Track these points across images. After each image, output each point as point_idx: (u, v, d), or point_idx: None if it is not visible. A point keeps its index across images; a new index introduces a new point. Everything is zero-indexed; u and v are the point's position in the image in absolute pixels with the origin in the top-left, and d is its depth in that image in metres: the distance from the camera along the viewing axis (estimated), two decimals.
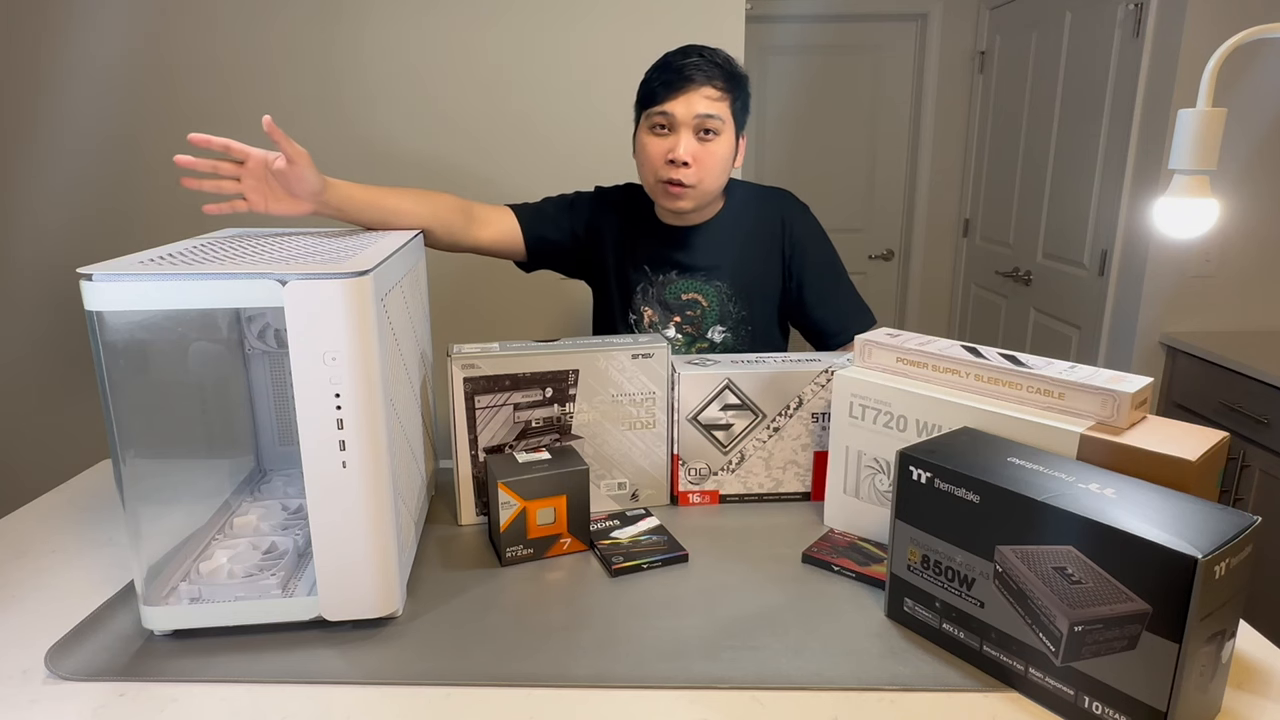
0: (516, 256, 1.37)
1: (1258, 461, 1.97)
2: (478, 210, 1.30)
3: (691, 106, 1.21)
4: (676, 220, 1.34)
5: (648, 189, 1.30)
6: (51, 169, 1.93)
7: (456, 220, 1.24)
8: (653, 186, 1.28)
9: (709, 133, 1.22)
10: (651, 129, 1.25)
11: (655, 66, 1.26)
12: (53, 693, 0.72)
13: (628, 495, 1.08)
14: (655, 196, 1.29)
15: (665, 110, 1.22)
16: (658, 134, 1.24)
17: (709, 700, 0.71)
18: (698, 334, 1.36)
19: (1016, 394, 0.85)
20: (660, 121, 1.23)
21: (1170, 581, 0.59)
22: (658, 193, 1.28)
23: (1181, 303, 2.33)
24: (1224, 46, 1.01)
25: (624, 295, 1.39)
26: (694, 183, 1.23)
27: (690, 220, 1.34)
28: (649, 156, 1.25)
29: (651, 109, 1.24)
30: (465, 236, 1.27)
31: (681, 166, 1.22)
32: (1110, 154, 2.44)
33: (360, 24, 1.89)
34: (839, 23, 3.30)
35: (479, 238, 1.29)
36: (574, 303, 2.02)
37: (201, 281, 0.71)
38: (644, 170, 1.28)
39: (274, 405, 1.08)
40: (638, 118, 1.30)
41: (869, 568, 0.90)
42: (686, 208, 1.27)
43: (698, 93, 1.21)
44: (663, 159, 1.23)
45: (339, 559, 0.77)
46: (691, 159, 1.22)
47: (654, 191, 1.28)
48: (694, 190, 1.24)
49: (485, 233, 1.30)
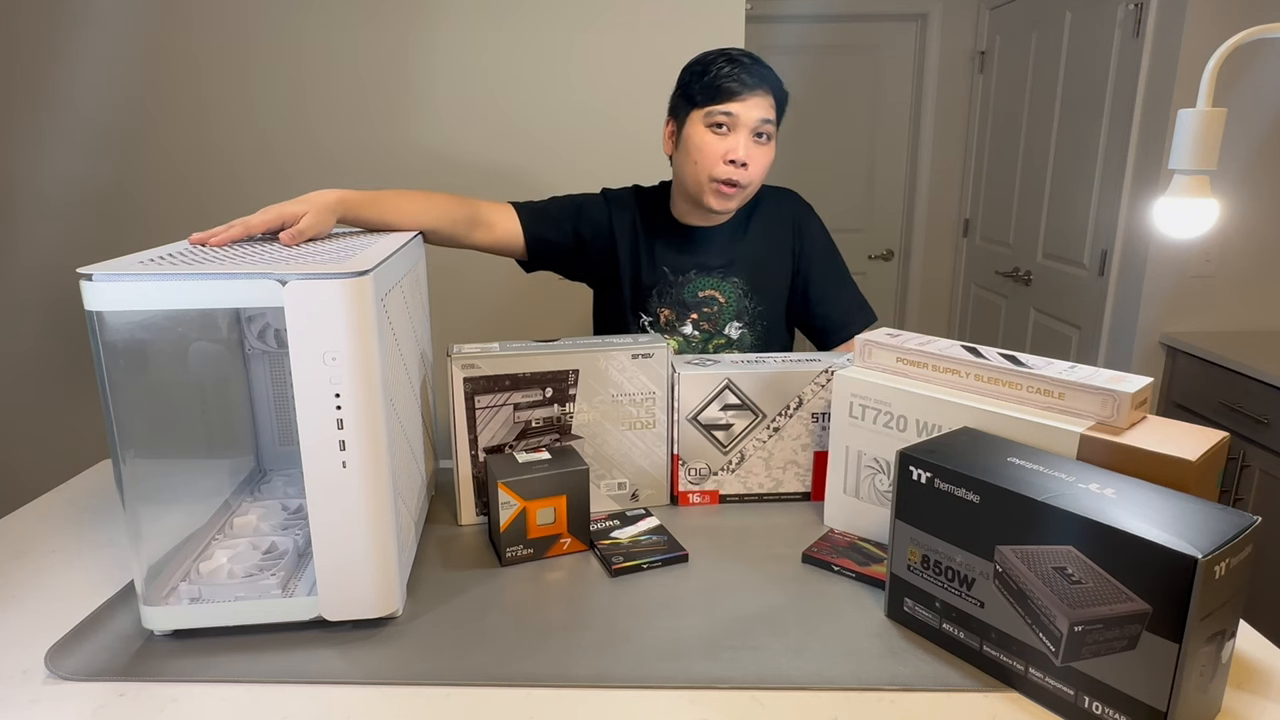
0: (517, 255, 1.36)
1: (1258, 461, 1.97)
2: (481, 210, 1.28)
3: (757, 110, 1.23)
4: (697, 220, 1.34)
5: (694, 187, 1.27)
6: (52, 169, 1.93)
7: (459, 221, 1.24)
8: (702, 184, 1.25)
9: (763, 137, 1.25)
10: (710, 127, 1.24)
11: (716, 64, 1.23)
12: (53, 693, 0.72)
13: (628, 495, 1.08)
14: (701, 195, 1.27)
15: (730, 110, 1.22)
16: (717, 133, 1.24)
17: (709, 700, 0.71)
18: (715, 330, 1.36)
19: (1016, 394, 0.85)
20: (722, 120, 1.23)
21: (1170, 581, 0.59)
22: (706, 191, 1.26)
23: (1181, 303, 2.33)
24: (1224, 46, 1.01)
25: (636, 297, 1.38)
26: (747, 183, 1.25)
27: (710, 220, 1.34)
28: (706, 155, 1.24)
29: (714, 107, 1.22)
30: (467, 238, 1.26)
31: (740, 167, 1.23)
32: (1110, 154, 2.44)
33: (360, 18, 1.89)
34: (839, 23, 3.29)
35: (481, 238, 1.29)
36: (574, 303, 2.02)
37: (201, 281, 0.71)
38: (695, 168, 1.25)
39: (274, 405, 1.08)
40: (682, 113, 1.27)
41: (869, 568, 0.90)
42: (734, 208, 1.28)
43: (763, 97, 1.23)
44: (721, 158, 1.23)
45: (339, 559, 0.77)
46: (750, 161, 1.23)
47: (701, 189, 1.26)
48: (744, 191, 1.26)
49: (487, 234, 1.29)
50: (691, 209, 1.32)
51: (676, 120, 1.29)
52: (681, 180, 1.30)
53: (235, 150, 1.94)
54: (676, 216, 1.36)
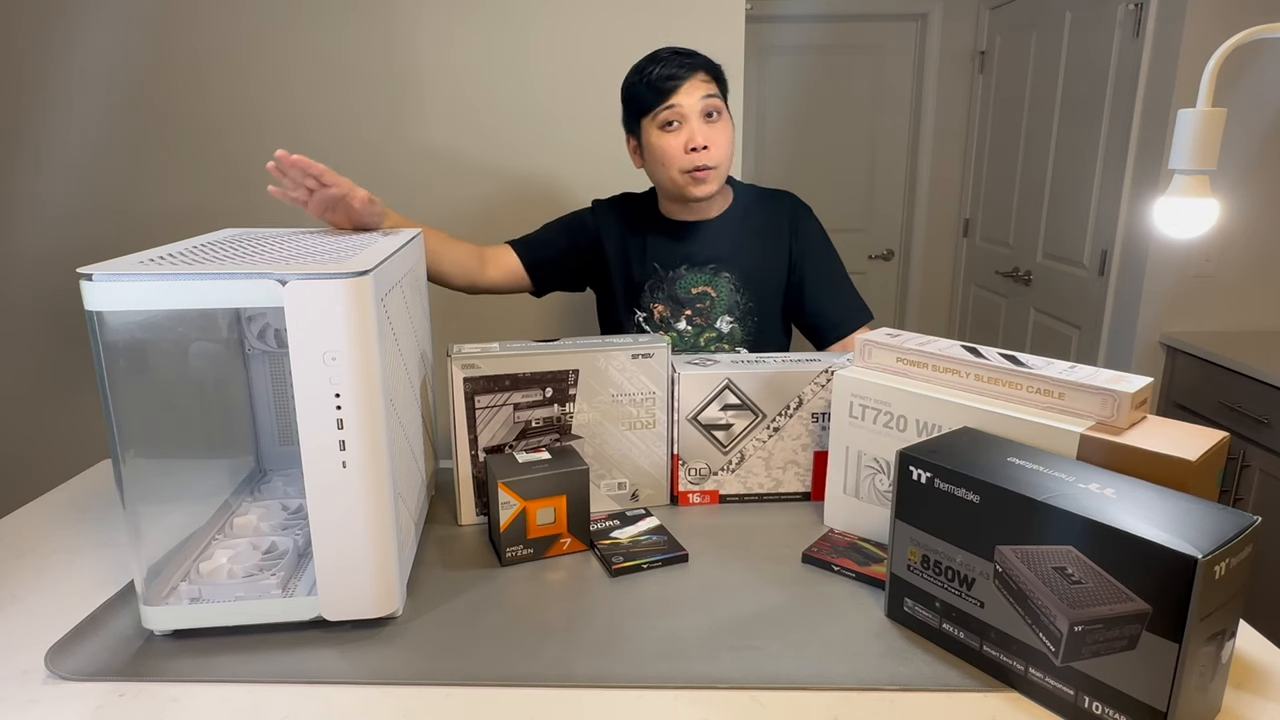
0: (525, 288, 1.45)
1: (1258, 461, 1.97)
2: (486, 252, 1.40)
3: (696, 92, 1.28)
4: (686, 215, 1.39)
5: (671, 186, 1.33)
6: (52, 168, 1.93)
7: (473, 264, 1.37)
8: (676, 180, 1.31)
9: (714, 115, 1.29)
10: (662, 127, 1.29)
11: (638, 74, 1.31)
12: (53, 693, 0.72)
13: (628, 495, 1.08)
14: (681, 189, 1.32)
15: (673, 104, 1.27)
16: (669, 131, 1.29)
17: (709, 700, 0.71)
18: (706, 324, 1.39)
19: (1016, 394, 0.85)
20: (669, 119, 1.28)
21: (1170, 581, 0.59)
22: (683, 184, 1.31)
23: (1181, 303, 2.33)
24: (1224, 46, 1.01)
25: (630, 294, 1.42)
26: (715, 163, 1.29)
27: (698, 215, 1.39)
28: (667, 154, 1.30)
29: (656, 110, 1.29)
30: (481, 279, 1.38)
31: (703, 150, 1.28)
32: (1110, 154, 2.44)
33: (360, 19, 1.89)
34: (839, 23, 3.29)
35: (492, 274, 1.40)
36: (574, 302, 2.02)
37: (201, 281, 0.71)
38: (662, 170, 1.32)
39: (274, 405, 1.08)
40: (635, 126, 1.34)
41: (869, 568, 0.90)
42: (713, 190, 1.32)
43: (695, 79, 1.28)
44: (682, 151, 1.28)
45: (339, 559, 0.77)
46: (708, 142, 1.28)
47: (678, 185, 1.31)
48: (716, 171, 1.30)
49: (496, 270, 1.40)
50: (678, 206, 1.38)
51: (634, 135, 1.36)
52: (660, 184, 1.37)
53: (235, 150, 1.94)
54: (666, 215, 1.41)
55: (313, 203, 1.05)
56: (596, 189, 1.55)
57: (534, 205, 1.96)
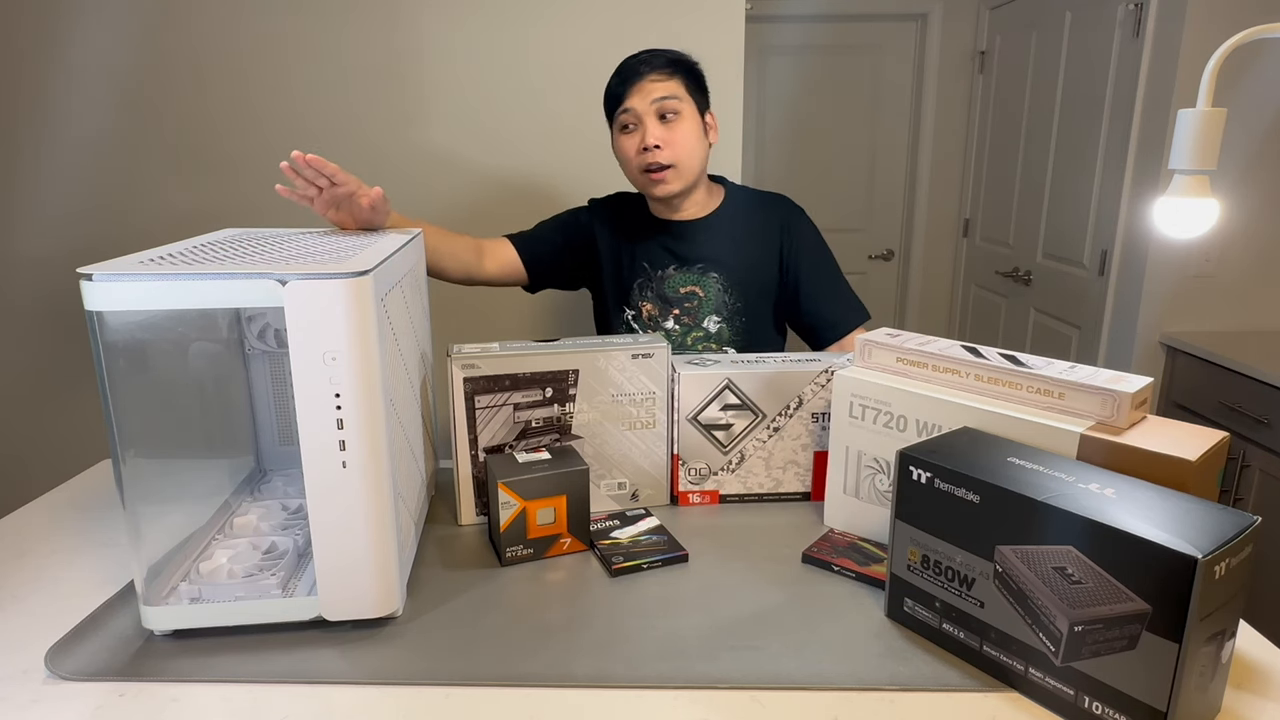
0: (521, 282, 1.47)
1: (1258, 461, 1.97)
2: (484, 243, 1.41)
3: (649, 94, 1.29)
4: (672, 214, 1.41)
5: (636, 186, 1.38)
6: (52, 168, 1.92)
7: (471, 258, 1.38)
8: (638, 180, 1.35)
9: (671, 115, 1.30)
10: (622, 130, 1.34)
11: (610, 80, 1.35)
12: (53, 693, 0.72)
13: (628, 495, 1.08)
14: (643, 189, 1.36)
15: (626, 106, 1.31)
16: (627, 132, 1.33)
17: (709, 700, 0.71)
18: (694, 324, 1.41)
19: (1016, 394, 0.85)
20: (626, 120, 1.32)
21: (1170, 581, 0.59)
22: (643, 184, 1.35)
23: (1181, 303, 2.33)
24: (1224, 46, 1.01)
25: (619, 293, 1.44)
26: (670, 162, 1.31)
27: (686, 214, 1.40)
28: (625, 156, 1.34)
29: (614, 113, 1.34)
30: (478, 271, 1.39)
31: (655, 150, 1.30)
32: (1110, 154, 2.44)
33: (360, 19, 1.89)
34: (839, 23, 3.29)
35: (489, 266, 1.41)
36: (574, 302, 2.02)
37: (201, 281, 0.71)
38: (626, 170, 1.37)
39: (274, 405, 1.08)
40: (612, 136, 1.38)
41: (869, 568, 0.90)
42: (673, 189, 1.33)
43: (647, 81, 1.30)
44: (637, 151, 1.32)
45: (339, 559, 0.77)
46: (661, 142, 1.29)
47: (640, 185, 1.36)
48: (673, 170, 1.31)
49: (493, 262, 1.41)
50: (663, 206, 1.41)
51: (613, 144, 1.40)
52: (631, 184, 1.41)
53: (235, 150, 1.93)
54: (655, 215, 1.44)
55: (319, 201, 1.06)
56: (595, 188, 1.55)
57: (534, 204, 1.96)
